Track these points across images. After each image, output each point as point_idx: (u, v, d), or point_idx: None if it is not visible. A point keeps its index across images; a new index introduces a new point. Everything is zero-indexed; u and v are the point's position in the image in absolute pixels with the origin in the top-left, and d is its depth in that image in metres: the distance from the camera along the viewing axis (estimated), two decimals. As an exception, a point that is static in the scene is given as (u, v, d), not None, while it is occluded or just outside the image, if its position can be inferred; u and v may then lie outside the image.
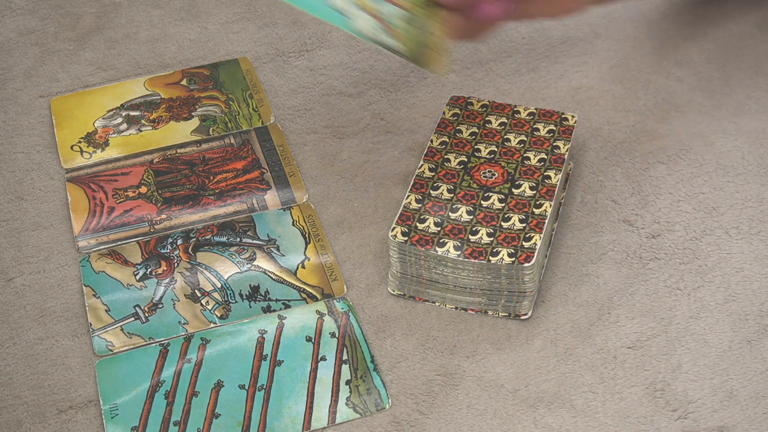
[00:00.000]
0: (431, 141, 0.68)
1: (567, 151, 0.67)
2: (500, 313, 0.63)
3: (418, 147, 0.74)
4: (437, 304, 0.64)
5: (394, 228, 0.63)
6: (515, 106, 0.70)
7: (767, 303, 0.63)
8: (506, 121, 0.69)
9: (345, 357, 0.61)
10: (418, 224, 0.63)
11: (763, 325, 0.61)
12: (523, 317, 0.63)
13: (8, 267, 0.68)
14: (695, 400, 0.58)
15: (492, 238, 0.62)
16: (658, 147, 0.72)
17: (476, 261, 0.61)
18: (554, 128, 0.68)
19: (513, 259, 0.60)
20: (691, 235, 0.67)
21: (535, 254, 0.60)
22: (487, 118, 0.69)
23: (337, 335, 0.62)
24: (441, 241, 0.62)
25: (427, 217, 0.63)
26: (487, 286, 0.62)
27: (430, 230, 0.62)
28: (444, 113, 0.70)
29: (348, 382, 0.60)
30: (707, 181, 0.70)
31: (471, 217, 0.63)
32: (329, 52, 0.82)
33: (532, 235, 0.62)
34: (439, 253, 0.61)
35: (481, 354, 0.61)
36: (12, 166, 0.75)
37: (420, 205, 0.64)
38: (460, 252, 0.61)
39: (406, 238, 0.62)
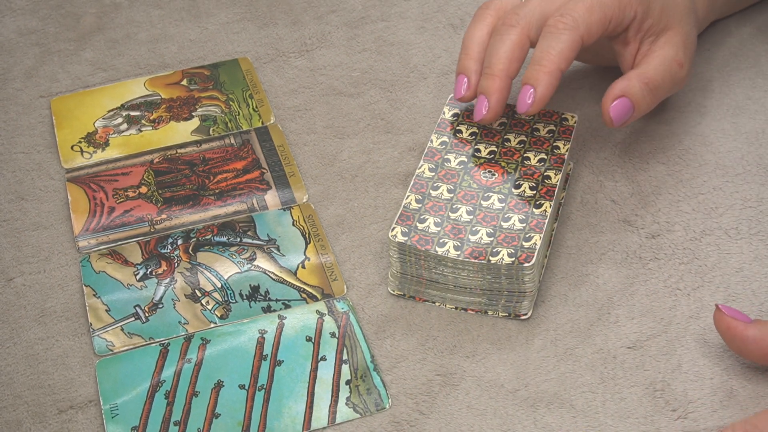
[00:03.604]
0: (431, 141, 0.68)
1: (567, 151, 0.67)
2: (500, 313, 0.63)
3: (418, 147, 0.74)
4: (437, 304, 0.64)
5: (394, 228, 0.63)
6: (515, 106, 0.70)
7: (767, 303, 0.63)
8: (506, 121, 0.69)
9: (345, 357, 0.61)
10: (418, 224, 0.63)
11: (763, 325, 0.62)
12: (523, 317, 0.63)
13: (8, 267, 0.68)
14: (695, 400, 0.58)
15: (492, 238, 0.62)
16: (658, 147, 0.72)
17: (476, 261, 0.61)
18: (554, 128, 0.69)
19: (513, 259, 0.60)
20: (691, 235, 0.67)
21: (535, 254, 0.61)
22: (487, 118, 0.69)
23: (337, 335, 0.62)
24: (441, 241, 0.62)
25: (427, 217, 0.63)
26: (487, 286, 0.62)
27: (430, 230, 0.63)
28: (444, 113, 0.70)
29: (348, 382, 0.60)
30: (707, 182, 0.70)
31: (471, 217, 0.63)
32: (329, 52, 0.82)
33: (532, 235, 0.62)
34: (439, 253, 0.61)
35: (481, 354, 0.61)
36: (12, 166, 0.75)
37: (420, 205, 0.64)
38: (460, 252, 0.61)
39: (406, 238, 0.62)
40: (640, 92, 0.67)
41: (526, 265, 0.60)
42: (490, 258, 0.61)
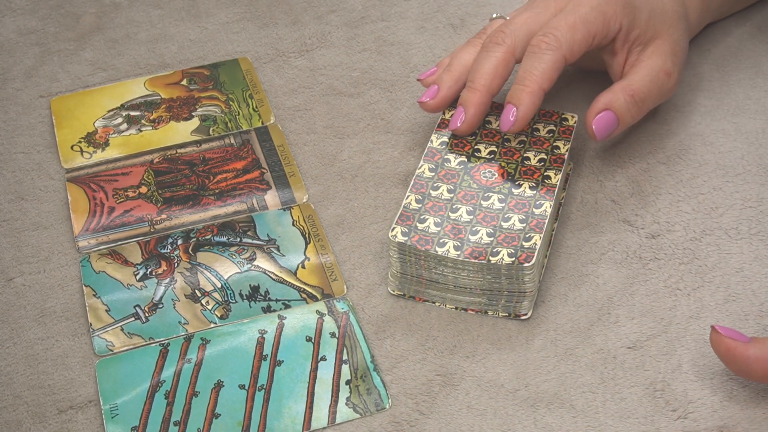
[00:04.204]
0: (431, 141, 0.68)
1: (567, 151, 0.67)
2: (500, 313, 0.63)
3: (418, 147, 0.74)
4: (437, 304, 0.64)
5: (394, 228, 0.63)
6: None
7: (767, 303, 0.63)
8: (506, 121, 0.69)
9: (345, 357, 0.61)
10: (418, 224, 0.63)
11: (763, 325, 0.62)
12: (523, 317, 0.63)
13: (8, 267, 0.68)
14: (695, 400, 0.58)
15: (492, 238, 0.62)
16: (658, 147, 0.72)
17: (476, 261, 0.61)
18: (554, 128, 0.69)
19: (513, 259, 0.60)
20: (691, 235, 0.67)
21: (535, 254, 0.61)
22: (486, 119, 0.69)
23: (337, 335, 0.62)
24: (441, 241, 0.62)
25: (427, 217, 0.63)
26: (487, 286, 0.62)
27: (430, 230, 0.63)
28: (444, 113, 0.70)
29: (348, 382, 0.60)
30: (707, 182, 0.70)
31: (471, 217, 0.63)
32: (329, 52, 0.82)
33: (532, 235, 0.62)
34: (439, 253, 0.61)
35: (481, 354, 0.61)
36: (12, 166, 0.75)
37: (420, 205, 0.64)
38: (460, 252, 0.61)
39: (406, 238, 0.62)
40: (624, 105, 0.67)
41: (526, 265, 0.60)
42: (490, 258, 0.61)
